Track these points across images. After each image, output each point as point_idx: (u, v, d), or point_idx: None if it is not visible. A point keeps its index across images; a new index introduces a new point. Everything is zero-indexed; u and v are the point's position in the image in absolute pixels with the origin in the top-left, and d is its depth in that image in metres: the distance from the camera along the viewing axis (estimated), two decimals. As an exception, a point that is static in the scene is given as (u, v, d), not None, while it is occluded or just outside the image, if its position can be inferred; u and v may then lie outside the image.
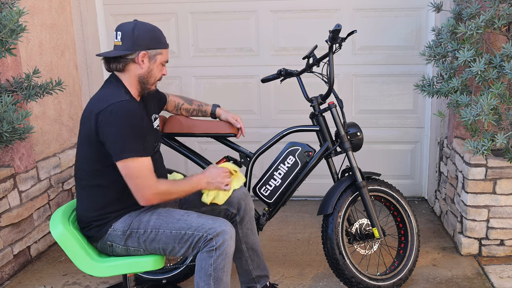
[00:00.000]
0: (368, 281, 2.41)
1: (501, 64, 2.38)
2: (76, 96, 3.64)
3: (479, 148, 2.36)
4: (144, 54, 1.93)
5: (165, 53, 2.01)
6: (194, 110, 2.48)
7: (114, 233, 1.95)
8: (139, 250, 1.97)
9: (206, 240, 1.88)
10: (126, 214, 1.97)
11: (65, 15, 3.49)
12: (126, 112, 1.83)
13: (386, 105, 3.71)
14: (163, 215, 1.96)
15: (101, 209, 1.96)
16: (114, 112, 1.82)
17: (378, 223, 2.45)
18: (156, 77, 2.02)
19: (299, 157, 2.47)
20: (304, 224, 3.45)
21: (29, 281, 2.75)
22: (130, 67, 1.95)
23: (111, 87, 1.95)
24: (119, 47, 1.93)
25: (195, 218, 1.93)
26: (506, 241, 2.85)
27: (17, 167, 2.85)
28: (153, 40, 1.95)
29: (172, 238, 1.92)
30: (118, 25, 1.99)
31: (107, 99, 1.87)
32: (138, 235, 1.94)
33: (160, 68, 2.01)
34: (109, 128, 1.82)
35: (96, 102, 1.90)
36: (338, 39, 2.34)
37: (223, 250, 1.88)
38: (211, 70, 3.77)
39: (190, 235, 1.90)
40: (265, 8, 3.63)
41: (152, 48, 1.95)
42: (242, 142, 2.75)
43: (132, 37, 1.91)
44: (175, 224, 1.92)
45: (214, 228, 1.88)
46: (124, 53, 1.91)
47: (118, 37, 1.94)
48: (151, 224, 1.94)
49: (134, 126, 1.84)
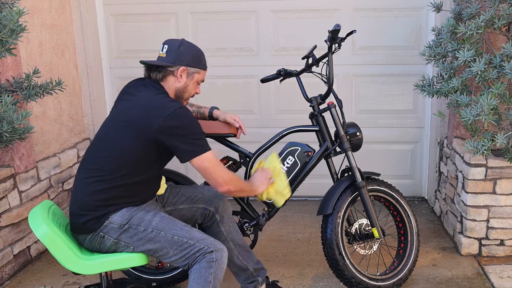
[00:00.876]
0: (368, 281, 2.41)
1: (501, 64, 2.38)
2: (76, 96, 3.64)
3: (479, 148, 2.36)
4: (184, 70, 2.06)
5: (203, 74, 2.15)
6: (193, 112, 2.51)
7: (111, 225, 1.97)
8: (128, 247, 2.00)
9: (206, 252, 1.96)
10: (124, 208, 2.00)
11: (65, 15, 3.49)
12: (191, 116, 1.99)
13: (386, 105, 3.71)
14: (166, 219, 2.02)
15: (104, 201, 1.98)
16: (184, 115, 1.96)
17: (377, 223, 2.45)
18: (191, 93, 2.14)
19: (299, 157, 2.47)
20: (304, 224, 3.45)
21: (29, 281, 2.76)
22: (169, 79, 2.08)
23: (161, 93, 2.04)
24: (163, 58, 2.07)
25: (198, 233, 2.02)
26: (506, 241, 2.85)
27: (17, 167, 2.85)
28: (195, 59, 2.09)
29: (171, 243, 1.97)
30: (166, 39, 2.13)
31: (169, 102, 1.98)
32: (136, 232, 1.97)
33: (195, 86, 2.14)
34: (182, 130, 1.95)
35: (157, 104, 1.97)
36: (337, 39, 2.34)
37: (221, 263, 1.98)
38: (211, 70, 3.75)
39: (191, 245, 1.97)
40: (265, 8, 3.63)
41: (192, 66, 2.08)
42: (242, 142, 2.75)
43: (177, 52, 2.06)
44: (178, 231, 1.99)
45: (215, 244, 1.99)
46: (166, 64, 2.04)
47: (164, 49, 2.08)
48: (153, 224, 1.98)
49: (199, 126, 2.02)
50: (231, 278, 2.70)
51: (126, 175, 1.98)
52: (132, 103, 2.03)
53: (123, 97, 2.11)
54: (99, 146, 2.05)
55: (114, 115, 2.07)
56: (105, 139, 2.04)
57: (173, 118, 1.92)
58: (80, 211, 1.99)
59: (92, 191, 1.98)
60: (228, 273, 2.76)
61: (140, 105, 1.99)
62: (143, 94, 2.03)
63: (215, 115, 2.50)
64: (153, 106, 1.96)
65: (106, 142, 2.02)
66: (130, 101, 2.05)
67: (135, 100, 2.03)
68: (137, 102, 2.01)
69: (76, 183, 2.05)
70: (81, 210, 1.98)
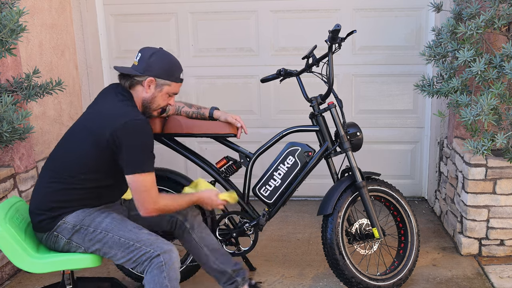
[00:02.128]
0: (368, 281, 2.41)
1: (501, 64, 2.38)
2: (76, 96, 3.64)
3: (479, 148, 2.36)
4: (151, 81, 2.02)
5: (174, 86, 2.08)
6: (193, 113, 2.49)
7: (64, 225, 1.98)
8: (80, 247, 2.01)
9: (153, 257, 1.94)
10: (80, 210, 2.01)
11: (65, 15, 3.49)
12: (145, 131, 1.94)
13: (386, 105, 3.71)
14: (116, 220, 2.02)
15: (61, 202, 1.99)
16: (135, 129, 1.91)
17: (378, 223, 2.45)
18: (159, 105, 2.10)
19: (299, 157, 2.47)
20: (304, 224, 3.45)
21: (29, 281, 2.76)
22: (137, 88, 2.05)
23: (125, 100, 2.01)
24: (134, 66, 2.04)
25: (146, 234, 2.00)
26: (506, 241, 2.85)
27: (17, 167, 2.85)
28: (165, 71, 2.04)
29: (118, 245, 1.98)
30: (143, 47, 2.08)
31: (126, 112, 1.94)
32: (86, 233, 1.98)
33: (165, 97, 2.09)
34: (128, 143, 1.91)
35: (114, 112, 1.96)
36: (337, 39, 2.34)
37: (171, 264, 1.95)
38: (211, 70, 3.77)
39: (137, 248, 1.96)
40: (265, 8, 3.63)
41: (161, 77, 2.03)
42: (242, 142, 2.75)
43: (147, 62, 2.02)
44: (126, 233, 1.99)
45: (162, 247, 1.96)
46: (134, 73, 2.02)
47: (137, 57, 2.05)
48: (102, 226, 1.99)
49: (150, 144, 1.97)
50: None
51: (86, 180, 2.00)
52: (95, 110, 2.04)
53: (93, 102, 2.13)
54: (62, 149, 2.06)
55: (81, 119, 2.09)
56: (67, 143, 2.05)
57: (124, 128, 1.90)
58: (37, 211, 2.01)
59: (50, 192, 2.00)
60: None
61: (100, 113, 2.00)
62: (107, 101, 2.03)
63: (215, 116, 2.49)
64: (110, 115, 1.95)
65: (68, 146, 2.04)
66: (94, 108, 2.07)
67: (97, 107, 2.05)
68: (99, 109, 2.03)
69: (37, 183, 2.07)
70: (38, 210, 2.01)
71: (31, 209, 2.04)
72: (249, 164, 2.52)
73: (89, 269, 2.83)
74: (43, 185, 2.03)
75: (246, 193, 2.55)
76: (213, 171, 2.54)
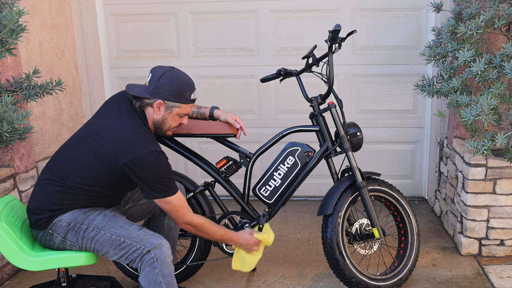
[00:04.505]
0: (368, 281, 2.41)
1: (501, 64, 2.38)
2: (76, 96, 3.64)
3: (479, 148, 2.36)
4: (161, 103, 2.01)
5: (185, 107, 2.07)
6: (193, 112, 2.49)
7: (60, 223, 1.99)
8: (75, 245, 2.02)
9: (144, 253, 1.96)
10: (75, 209, 2.02)
11: (65, 15, 3.49)
12: (159, 163, 1.95)
13: (386, 105, 3.71)
14: (108, 218, 2.03)
15: (61, 205, 2.01)
16: (147, 163, 1.93)
17: (378, 223, 2.45)
18: (171, 126, 2.10)
19: (299, 157, 2.47)
20: (304, 224, 3.45)
21: (29, 281, 2.75)
22: (148, 110, 2.05)
23: (139, 123, 2.01)
24: (145, 87, 2.03)
25: (136, 230, 2.01)
26: (506, 241, 2.85)
27: (17, 167, 2.85)
28: (174, 93, 2.01)
29: (110, 242, 1.99)
30: (155, 66, 2.07)
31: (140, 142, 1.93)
32: (79, 231, 1.99)
33: (176, 118, 2.08)
34: (144, 177, 1.94)
35: (126, 138, 1.94)
36: (337, 39, 2.34)
37: (163, 259, 1.97)
38: (211, 70, 3.78)
39: (128, 245, 1.98)
40: (265, 8, 3.63)
41: (170, 100, 2.02)
42: (242, 142, 2.75)
43: (156, 84, 2.00)
44: (117, 230, 2.00)
45: (152, 242, 1.97)
46: (144, 96, 2.00)
47: (148, 77, 2.04)
48: (94, 223, 2.00)
49: (166, 172, 1.98)
50: (231, 278, 2.70)
51: (88, 189, 2.01)
52: (108, 125, 2.00)
53: (104, 109, 2.11)
54: (66, 156, 2.05)
55: (90, 127, 2.06)
56: (73, 151, 2.03)
57: (140, 161, 1.91)
58: (36, 210, 2.02)
59: (52, 194, 2.00)
60: (228, 272, 2.77)
61: (114, 133, 1.96)
62: (121, 120, 2.00)
63: (215, 115, 2.49)
64: (126, 140, 1.93)
65: (74, 156, 2.02)
66: (107, 121, 2.03)
67: (112, 123, 2.00)
68: (113, 126, 1.98)
69: (38, 184, 2.07)
70: (37, 209, 2.01)
71: (29, 207, 2.04)
72: (249, 164, 2.52)
73: (89, 268, 2.84)
74: (45, 187, 2.03)
75: (246, 193, 2.55)
76: (213, 171, 2.54)
